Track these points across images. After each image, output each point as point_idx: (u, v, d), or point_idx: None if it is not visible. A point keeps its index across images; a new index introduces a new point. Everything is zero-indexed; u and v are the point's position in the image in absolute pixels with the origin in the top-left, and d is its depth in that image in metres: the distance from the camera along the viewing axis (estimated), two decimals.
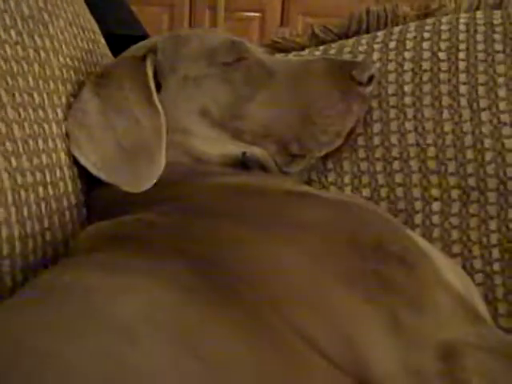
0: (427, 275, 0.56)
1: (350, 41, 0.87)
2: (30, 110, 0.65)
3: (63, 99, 0.72)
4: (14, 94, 0.63)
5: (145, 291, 0.50)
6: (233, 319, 0.49)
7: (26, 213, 0.62)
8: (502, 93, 0.76)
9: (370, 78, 0.74)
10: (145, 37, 0.98)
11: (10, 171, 0.60)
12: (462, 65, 0.79)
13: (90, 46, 0.84)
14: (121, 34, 1.20)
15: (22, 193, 0.62)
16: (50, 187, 0.67)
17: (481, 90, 0.77)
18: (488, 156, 0.75)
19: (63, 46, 0.75)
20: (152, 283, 0.50)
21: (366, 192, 0.79)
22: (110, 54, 0.91)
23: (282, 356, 0.48)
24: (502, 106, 0.76)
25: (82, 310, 0.47)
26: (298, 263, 0.54)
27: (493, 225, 0.74)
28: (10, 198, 0.60)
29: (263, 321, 0.50)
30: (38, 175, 0.65)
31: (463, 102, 0.77)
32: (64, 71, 0.74)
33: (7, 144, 0.60)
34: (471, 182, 0.75)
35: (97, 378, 0.41)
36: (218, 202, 0.63)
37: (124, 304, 0.48)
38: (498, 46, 0.79)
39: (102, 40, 0.90)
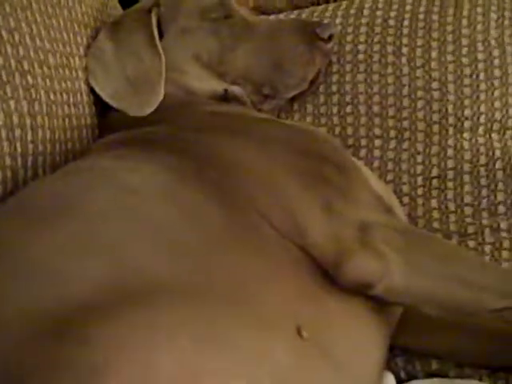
0: (355, 178, 0.76)
1: (320, 7, 1.06)
2: (61, 44, 0.84)
3: (84, 39, 0.91)
4: (49, 31, 0.81)
5: (147, 170, 0.69)
6: (208, 190, 0.68)
7: (55, 123, 0.81)
8: (434, 54, 0.95)
9: (330, 36, 0.93)
10: None
11: (46, 90, 0.79)
12: (405, 30, 0.98)
13: (105, 0, 1.02)
14: None
15: (53, 107, 0.81)
16: (72, 107, 0.85)
17: (418, 51, 0.96)
18: (419, 104, 0.95)
19: (84, 1, 0.93)
20: (152, 166, 0.70)
21: (323, 130, 0.98)
22: (120, 8, 1.09)
23: (241, 221, 0.68)
24: (434, 64, 0.95)
25: (101, 178, 0.67)
26: (260, 161, 0.73)
27: (419, 158, 0.93)
28: (44, 110, 0.79)
29: (232, 198, 0.69)
30: (65, 96, 0.84)
31: (404, 60, 0.96)
32: (85, 17, 0.92)
33: (44, 68, 0.79)
34: (405, 124, 0.95)
35: (105, 210, 0.61)
36: (203, 121, 0.82)
37: (132, 175, 0.67)
38: (434, 16, 0.98)
39: None
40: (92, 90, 0.91)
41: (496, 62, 0.95)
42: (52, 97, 0.80)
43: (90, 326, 0.52)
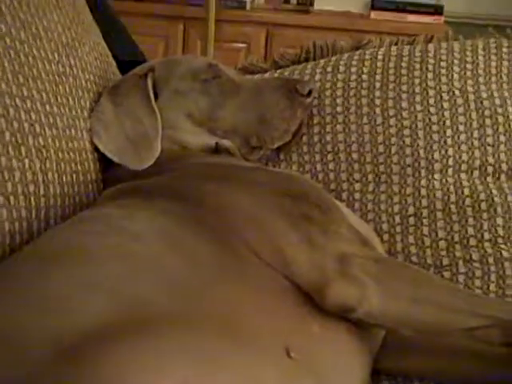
0: (335, 216, 0.85)
1: (300, 66, 1.17)
2: (67, 108, 0.93)
3: (87, 103, 1.01)
4: (56, 97, 0.91)
5: (147, 216, 0.78)
6: (203, 230, 0.76)
7: (64, 179, 0.90)
8: (404, 104, 1.05)
9: (310, 91, 1.03)
10: (144, 62, 1.27)
11: (55, 149, 0.88)
12: (377, 84, 1.08)
13: (106, 66, 1.12)
14: (124, 60, 1.48)
15: (62, 165, 0.90)
16: (79, 164, 0.94)
17: (390, 102, 1.06)
18: (393, 150, 1.04)
19: (88, 65, 1.03)
20: (152, 213, 0.79)
21: (306, 176, 1.07)
22: (118, 73, 1.20)
23: (233, 256, 0.76)
24: (404, 114, 1.05)
25: (106, 226, 0.76)
26: (249, 203, 0.82)
27: (396, 198, 1.02)
28: (54, 167, 0.88)
29: (224, 237, 0.77)
30: (72, 154, 0.93)
31: (377, 110, 1.06)
32: (88, 84, 1.02)
33: (53, 130, 0.88)
34: (382, 168, 1.04)
35: (111, 254, 0.70)
36: (198, 171, 0.91)
37: (133, 222, 0.76)
38: (403, 71, 1.08)
39: (114, 63, 1.19)
40: (96, 148, 1.00)
41: (460, 109, 1.05)
42: (61, 155, 0.89)
43: (99, 351, 0.59)
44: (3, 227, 0.77)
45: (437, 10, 2.92)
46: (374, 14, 2.94)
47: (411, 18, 2.91)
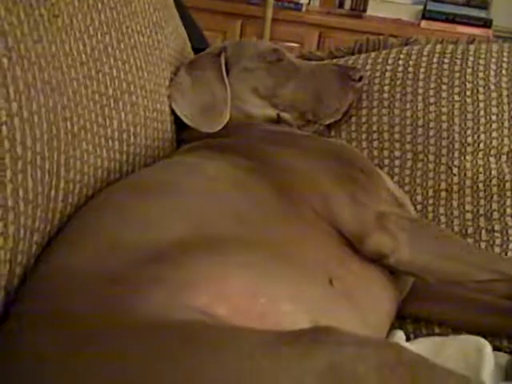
0: (376, 180, 1.00)
1: (353, 57, 1.32)
2: (154, 76, 1.10)
3: (169, 74, 1.17)
4: (147, 65, 1.08)
5: (220, 165, 0.94)
6: (265, 181, 0.92)
7: (148, 133, 1.07)
8: (444, 94, 1.20)
9: (360, 78, 1.18)
10: None
11: (143, 107, 1.05)
12: (421, 76, 1.22)
13: (183, 46, 1.29)
14: (193, 46, 1.66)
15: (148, 122, 1.06)
16: (159, 123, 1.11)
17: (431, 92, 1.21)
18: (431, 133, 1.18)
19: (170, 43, 1.20)
20: (224, 162, 0.95)
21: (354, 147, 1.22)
22: (192, 53, 1.36)
23: (290, 204, 0.91)
24: (443, 102, 1.19)
25: (189, 168, 0.93)
26: (305, 164, 0.97)
27: (430, 175, 1.16)
28: (142, 122, 1.04)
29: (283, 189, 0.92)
30: (155, 114, 1.10)
31: (419, 98, 1.21)
32: (170, 58, 1.19)
33: (143, 92, 1.05)
34: (420, 148, 1.18)
35: (191, 189, 0.86)
36: (262, 136, 1.07)
37: (210, 168, 0.92)
38: (445, 66, 1.22)
39: (189, 44, 1.36)
40: (173, 112, 1.16)
41: (494, 102, 1.18)
42: (147, 113, 1.06)
43: (180, 257, 0.75)
44: (103, 164, 0.94)
45: (486, 23, 3.02)
46: (424, 24, 3.06)
47: (460, 29, 3.02)
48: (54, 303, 0.72)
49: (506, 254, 1.07)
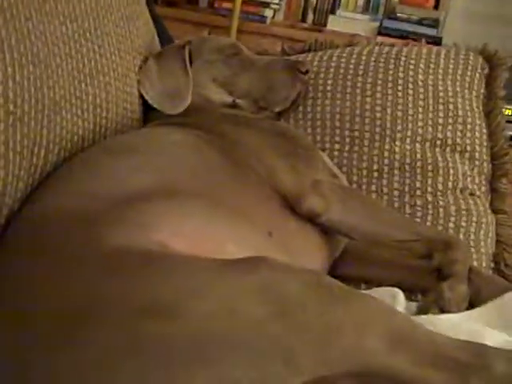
0: (314, 155, 1.17)
1: (303, 55, 1.49)
2: (125, 61, 1.26)
3: (138, 62, 1.33)
4: (119, 51, 1.23)
5: (183, 134, 1.10)
6: (220, 150, 1.08)
7: (124, 111, 1.22)
8: (379, 88, 1.38)
9: (307, 71, 1.35)
10: None
11: (116, 87, 1.20)
12: (360, 72, 1.40)
13: (152, 39, 1.45)
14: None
15: (119, 101, 1.22)
16: (129, 104, 1.26)
17: (368, 86, 1.38)
18: (367, 121, 1.36)
19: (141, 35, 1.36)
20: (186, 133, 1.11)
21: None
22: (160, 47, 1.52)
23: (240, 171, 1.06)
24: (378, 95, 1.37)
25: (155, 136, 1.09)
26: (255, 140, 1.14)
27: (365, 157, 1.34)
28: (114, 100, 1.20)
29: (236, 159, 1.08)
30: (125, 96, 1.25)
31: (358, 91, 1.38)
32: (140, 48, 1.35)
33: (115, 73, 1.20)
34: (356, 134, 1.36)
35: (156, 151, 1.02)
36: (219, 117, 1.24)
37: (174, 135, 1.08)
38: (381, 64, 1.40)
39: (157, 38, 1.51)
40: (141, 95, 1.32)
41: (421, 96, 1.37)
42: (118, 93, 1.22)
43: (142, 203, 0.90)
44: (78, 132, 1.09)
45: (436, 41, 3.25)
46: (379, 39, 3.27)
47: None
48: (34, 237, 0.86)
49: None
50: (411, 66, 1.40)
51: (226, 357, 0.68)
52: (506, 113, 2.97)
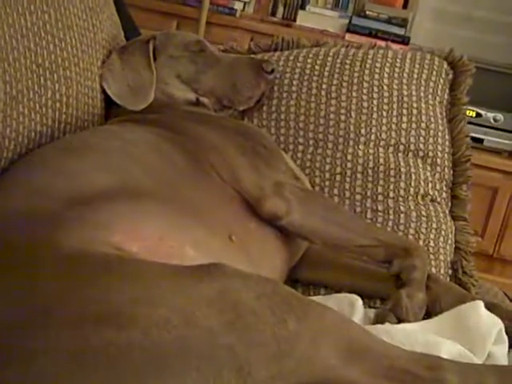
0: (276, 155, 1.16)
1: (269, 53, 1.48)
2: (87, 56, 1.23)
3: (101, 56, 1.30)
4: (82, 45, 1.21)
5: (141, 132, 1.08)
6: (180, 149, 1.07)
7: (80, 105, 1.19)
8: (344, 91, 1.37)
9: (272, 70, 1.34)
10: None
11: (76, 82, 1.17)
12: (326, 73, 1.39)
13: (117, 33, 1.42)
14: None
15: (80, 96, 1.19)
16: (90, 99, 1.23)
17: (333, 88, 1.38)
18: (331, 123, 1.35)
19: (105, 28, 1.33)
20: (145, 131, 1.09)
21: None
22: (125, 40, 1.49)
23: (200, 170, 1.06)
24: (343, 98, 1.37)
25: (113, 134, 1.06)
26: (217, 138, 1.13)
27: (328, 160, 1.33)
28: (74, 95, 1.17)
29: (197, 157, 1.07)
30: (87, 90, 1.22)
31: (323, 93, 1.37)
32: (104, 42, 1.32)
33: (77, 68, 1.18)
34: (320, 136, 1.35)
35: (115, 151, 1.00)
36: (181, 114, 1.22)
37: (131, 134, 1.06)
38: (347, 66, 1.40)
39: (122, 32, 1.48)
40: (103, 91, 1.29)
41: (386, 100, 1.37)
42: (80, 88, 1.19)
43: (100, 203, 0.88)
44: (36, 127, 1.06)
45: (404, 40, 3.27)
46: (348, 36, 3.28)
47: (380, 43, 3.23)
48: None
49: None
50: (377, 70, 1.40)
51: (178, 366, 0.67)
52: (470, 114, 3.01)
